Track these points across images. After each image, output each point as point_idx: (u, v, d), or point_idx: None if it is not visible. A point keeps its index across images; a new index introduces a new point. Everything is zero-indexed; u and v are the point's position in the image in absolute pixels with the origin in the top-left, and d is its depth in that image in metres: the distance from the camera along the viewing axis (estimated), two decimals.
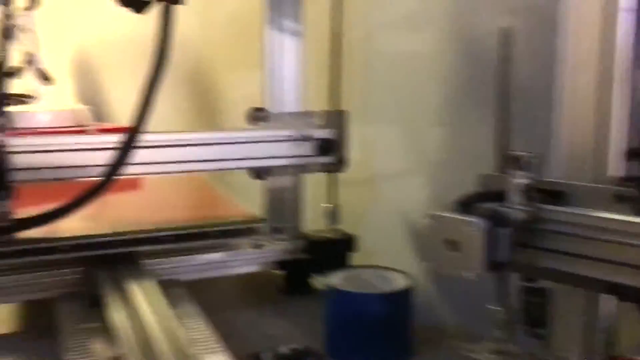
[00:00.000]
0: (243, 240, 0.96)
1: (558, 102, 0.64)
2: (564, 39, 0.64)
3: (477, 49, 0.92)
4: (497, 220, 0.56)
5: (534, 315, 0.67)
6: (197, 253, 0.94)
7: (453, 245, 0.56)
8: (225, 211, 1.03)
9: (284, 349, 0.76)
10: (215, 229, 0.91)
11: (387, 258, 0.96)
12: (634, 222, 0.54)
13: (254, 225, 0.96)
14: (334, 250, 1.03)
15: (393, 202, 1.10)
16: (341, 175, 1.06)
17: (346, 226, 1.07)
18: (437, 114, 1.00)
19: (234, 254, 0.95)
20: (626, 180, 0.58)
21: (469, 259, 0.55)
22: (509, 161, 0.60)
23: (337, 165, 1.02)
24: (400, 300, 0.81)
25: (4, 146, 0.77)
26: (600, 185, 0.59)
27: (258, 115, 0.98)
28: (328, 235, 1.05)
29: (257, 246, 0.96)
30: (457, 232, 0.56)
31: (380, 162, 1.13)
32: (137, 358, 0.57)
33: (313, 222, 1.08)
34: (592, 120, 0.62)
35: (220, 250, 0.95)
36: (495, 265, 0.57)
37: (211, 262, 0.94)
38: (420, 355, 0.83)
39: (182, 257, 0.93)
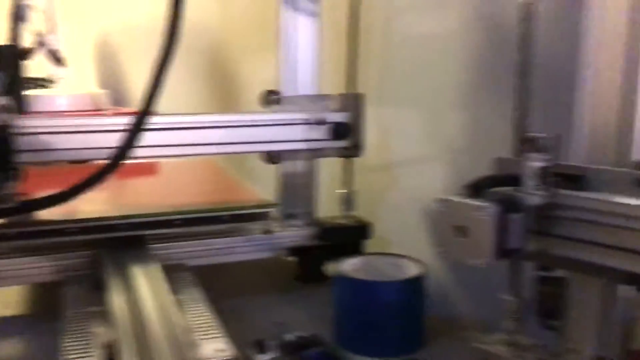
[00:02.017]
0: (254, 226, 0.95)
1: (581, 82, 0.60)
2: (589, 15, 0.60)
3: (499, 28, 0.88)
4: (508, 205, 0.53)
5: (548, 305, 0.64)
6: (207, 238, 0.92)
7: (462, 231, 0.53)
8: (237, 196, 1.01)
9: (290, 337, 0.74)
10: (225, 213, 0.90)
11: (403, 246, 0.94)
12: None
13: (266, 210, 0.93)
14: (348, 237, 1.01)
15: (410, 189, 1.07)
16: (357, 161, 1.03)
17: (362, 213, 1.04)
18: (457, 97, 0.97)
19: (244, 239, 0.93)
20: None
21: (478, 245, 0.52)
22: (525, 143, 0.57)
23: (353, 150, 0.99)
24: (411, 288, 0.79)
25: (9, 127, 0.76)
26: (621, 169, 0.56)
27: (271, 98, 0.96)
28: (342, 221, 1.03)
29: (268, 232, 0.94)
30: (465, 218, 0.53)
31: (398, 147, 1.10)
32: (130, 343, 0.56)
33: (328, 208, 1.06)
34: (616, 102, 0.58)
35: (230, 236, 0.93)
36: (506, 253, 0.54)
37: (221, 248, 0.92)
38: (431, 345, 0.80)
39: (192, 242, 0.91)
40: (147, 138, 0.74)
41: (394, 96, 1.09)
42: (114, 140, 0.73)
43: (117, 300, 0.65)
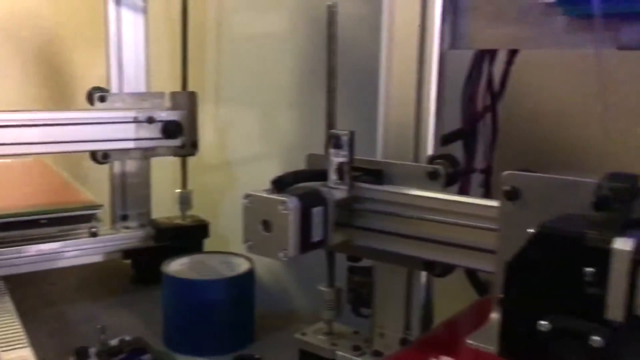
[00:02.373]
0: (81, 229, 0.91)
1: (380, 81, 0.64)
2: (384, 17, 0.62)
3: (322, 30, 0.91)
4: (310, 200, 0.55)
5: (358, 294, 0.67)
6: (30, 243, 0.87)
7: (266, 225, 0.54)
8: (64, 198, 0.96)
9: (114, 342, 0.72)
10: (44, 216, 0.85)
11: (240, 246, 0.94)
12: (442, 199, 0.55)
13: (89, 212, 0.90)
14: (185, 237, 1.00)
15: (248, 187, 1.07)
16: (195, 160, 1.02)
17: (201, 212, 1.04)
18: (288, 96, 0.99)
19: (71, 243, 0.89)
20: (437, 158, 0.58)
21: (281, 239, 0.53)
22: (329, 140, 0.59)
23: (187, 149, 0.98)
24: (238, 285, 0.79)
25: None
26: (415, 164, 0.60)
27: (96, 95, 0.92)
28: (179, 222, 1.01)
29: (94, 234, 0.90)
30: (269, 212, 0.54)
31: (235, 145, 1.10)
32: None
33: (167, 208, 1.04)
34: (412, 100, 0.61)
35: (55, 240, 0.88)
36: (310, 245, 0.56)
37: (45, 253, 0.88)
38: (262, 340, 0.82)
39: (12, 248, 0.85)
40: None
41: (230, 95, 1.09)
42: None
43: None
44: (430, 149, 0.61)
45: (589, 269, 0.37)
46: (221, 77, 1.09)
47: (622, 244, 0.36)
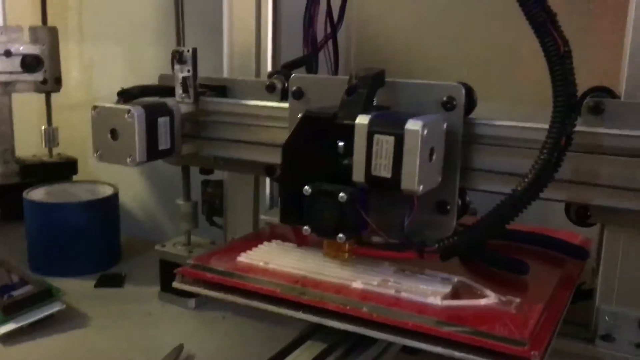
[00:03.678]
0: None
1: (225, 9, 0.69)
2: None
3: None
4: (155, 110, 0.59)
5: (213, 205, 0.73)
6: None
7: (114, 134, 0.58)
8: None
9: None
10: None
11: (112, 179, 0.97)
12: (277, 107, 0.61)
13: None
14: (51, 173, 1.00)
15: None
16: (63, 98, 1.03)
17: (70, 150, 1.05)
18: (154, 31, 1.01)
19: None
20: (275, 73, 0.64)
21: (127, 146, 0.58)
22: (174, 56, 0.63)
23: (50, 85, 0.98)
24: (99, 209, 0.82)
25: None
26: (253, 79, 0.66)
27: None
28: (45, 158, 1.02)
29: None
30: (116, 122, 0.58)
31: (101, 83, 1.11)
32: None
33: (37, 145, 1.04)
34: (252, 24, 0.67)
35: None
36: (158, 154, 0.60)
37: None
38: (127, 260, 0.86)
39: None
40: None
41: (94, 32, 1.09)
42: None
43: None
44: (269, 67, 0.67)
45: (341, 143, 0.47)
46: (84, 13, 1.09)
47: (362, 119, 0.45)
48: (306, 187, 0.47)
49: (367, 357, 0.48)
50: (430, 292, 0.46)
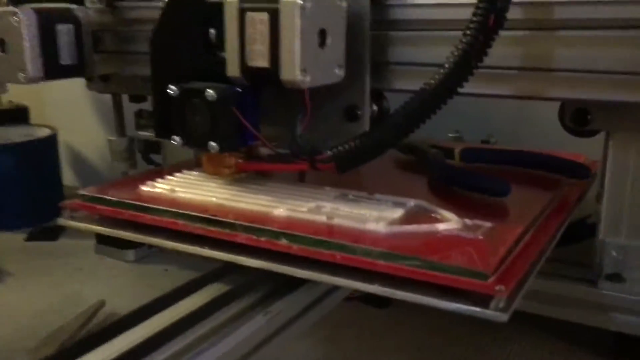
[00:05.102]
0: None
1: None
2: None
3: None
4: (53, 15, 0.48)
5: (149, 140, 0.63)
6: None
7: (3, 45, 0.47)
8: None
9: None
10: None
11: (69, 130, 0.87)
12: None
13: None
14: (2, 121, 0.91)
15: None
16: None
17: (27, 100, 0.95)
18: None
19: None
20: None
21: (18, 58, 0.47)
22: None
23: None
24: (32, 152, 0.72)
25: None
26: None
27: None
28: None
29: None
30: (4, 29, 0.47)
31: None
32: None
33: None
34: None
35: None
36: (59, 70, 0.49)
37: None
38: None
39: None
40: None
41: None
42: None
43: None
44: None
45: (212, 30, 0.37)
46: None
47: None
48: (171, 86, 0.37)
49: (293, 303, 0.36)
50: (373, 217, 0.35)
